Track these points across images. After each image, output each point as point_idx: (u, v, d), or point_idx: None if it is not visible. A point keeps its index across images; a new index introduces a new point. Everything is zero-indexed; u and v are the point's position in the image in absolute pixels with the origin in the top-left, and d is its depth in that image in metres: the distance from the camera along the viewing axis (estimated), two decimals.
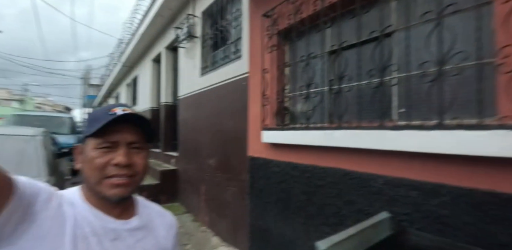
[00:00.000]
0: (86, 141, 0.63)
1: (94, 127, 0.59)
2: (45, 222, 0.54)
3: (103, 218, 0.62)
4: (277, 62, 2.19)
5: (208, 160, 3.38)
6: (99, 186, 0.60)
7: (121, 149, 0.61)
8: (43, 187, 0.57)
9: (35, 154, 2.25)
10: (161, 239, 0.72)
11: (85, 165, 0.62)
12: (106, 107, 0.65)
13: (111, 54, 12.25)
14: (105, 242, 0.60)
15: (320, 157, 1.73)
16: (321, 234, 1.71)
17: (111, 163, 0.60)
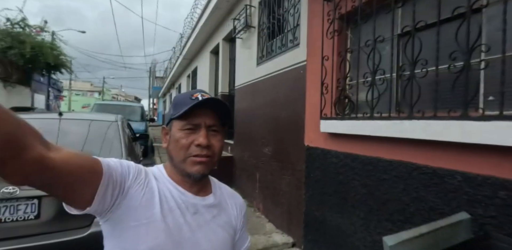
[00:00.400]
0: (171, 123, 0.69)
1: (179, 110, 0.66)
2: (136, 195, 0.62)
3: (185, 193, 0.69)
4: (338, 49, 2.07)
5: (263, 149, 3.44)
6: (183, 163, 0.67)
7: (202, 131, 0.66)
8: (132, 165, 0.65)
9: (115, 137, 2.58)
10: (232, 217, 0.77)
11: (171, 144, 0.68)
12: (188, 93, 0.70)
13: (173, 48, 13.17)
14: (187, 215, 0.67)
15: (385, 149, 1.62)
16: (382, 230, 1.63)
17: (194, 143, 0.66)
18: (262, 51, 3.76)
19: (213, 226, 0.70)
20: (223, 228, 0.72)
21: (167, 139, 0.71)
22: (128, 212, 0.60)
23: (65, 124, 2.57)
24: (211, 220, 0.71)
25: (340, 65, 2.02)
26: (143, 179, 0.64)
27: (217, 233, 0.71)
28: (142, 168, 0.67)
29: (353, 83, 1.97)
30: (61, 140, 2.39)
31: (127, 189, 0.61)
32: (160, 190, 0.66)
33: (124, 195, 0.60)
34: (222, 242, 0.71)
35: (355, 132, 1.78)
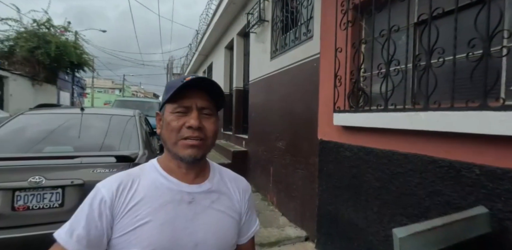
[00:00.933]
0: (164, 107, 0.68)
1: (171, 93, 0.65)
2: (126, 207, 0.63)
3: (179, 184, 0.68)
4: (352, 40, 2.02)
5: (277, 143, 3.44)
6: (175, 147, 0.66)
7: (193, 113, 0.65)
8: (103, 198, 0.62)
9: (133, 130, 2.67)
10: (235, 202, 0.75)
11: (164, 129, 0.68)
12: (181, 77, 0.70)
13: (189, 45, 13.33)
14: (182, 206, 0.66)
15: (400, 141, 1.57)
16: (396, 224, 1.60)
17: (185, 125, 0.65)
18: (275, 45, 3.73)
19: (212, 212, 0.69)
20: (224, 212, 0.71)
21: (161, 125, 0.70)
22: (120, 226, 0.62)
23: (86, 118, 2.69)
24: (210, 206, 0.69)
25: (354, 56, 1.97)
26: (124, 192, 0.64)
27: (217, 218, 0.70)
28: (119, 182, 0.65)
29: (367, 74, 1.92)
30: (82, 133, 2.50)
31: (113, 218, 0.62)
32: (148, 190, 0.65)
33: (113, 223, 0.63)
34: (223, 227, 0.70)
35: (369, 125, 1.74)
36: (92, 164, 2.01)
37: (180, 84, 0.64)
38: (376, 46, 1.81)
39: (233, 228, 0.73)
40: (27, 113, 2.76)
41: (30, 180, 1.82)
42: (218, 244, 0.68)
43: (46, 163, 1.95)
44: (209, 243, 0.67)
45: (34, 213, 1.83)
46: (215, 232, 0.68)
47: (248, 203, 0.79)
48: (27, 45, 14.03)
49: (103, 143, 2.43)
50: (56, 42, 14.77)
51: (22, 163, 1.92)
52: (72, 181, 1.89)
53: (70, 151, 2.24)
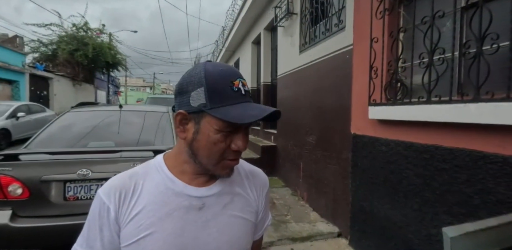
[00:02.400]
0: (202, 115, 0.55)
1: (221, 105, 0.53)
2: (130, 214, 0.57)
3: (186, 187, 0.60)
4: (389, 29, 1.91)
5: (307, 137, 3.40)
6: (215, 166, 0.58)
7: (241, 133, 0.56)
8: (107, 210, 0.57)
9: (167, 126, 2.78)
10: (252, 201, 0.67)
11: (201, 143, 0.56)
12: (223, 74, 0.55)
13: (216, 41, 13.49)
14: (191, 213, 0.58)
15: (445, 135, 1.47)
16: (440, 223, 1.51)
17: (232, 147, 0.56)
18: (304, 38, 3.65)
19: (224, 217, 0.61)
20: (238, 217, 0.63)
21: (187, 130, 0.57)
22: (124, 234, 0.57)
23: (124, 115, 2.84)
24: (222, 210, 0.61)
25: (392, 46, 1.87)
26: (127, 198, 0.58)
27: (231, 224, 0.62)
28: (120, 188, 0.58)
29: (407, 65, 1.81)
30: (121, 129, 2.65)
31: (120, 227, 0.57)
32: (152, 195, 0.58)
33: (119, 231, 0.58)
34: (238, 233, 0.63)
35: (409, 118, 1.65)
36: (131, 158, 2.12)
37: (237, 96, 0.54)
38: (417, 34, 1.70)
39: (249, 232, 0.66)
40: (72, 111, 2.97)
41: (78, 172, 1.97)
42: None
43: (91, 157, 2.09)
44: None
45: (82, 203, 1.98)
46: (229, 239, 0.61)
47: (266, 199, 0.72)
48: (68, 48, 15.09)
49: (140, 138, 2.56)
50: (93, 44, 15.73)
51: (71, 157, 2.08)
52: (115, 174, 2.00)
53: (112, 146, 2.38)
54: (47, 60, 15.36)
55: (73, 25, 16.03)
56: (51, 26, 15.31)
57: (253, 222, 0.67)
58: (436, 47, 1.53)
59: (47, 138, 2.44)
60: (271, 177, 4.72)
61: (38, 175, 1.93)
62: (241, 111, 0.53)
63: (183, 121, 0.58)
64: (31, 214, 1.90)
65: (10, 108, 7.76)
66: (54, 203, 1.93)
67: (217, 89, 0.54)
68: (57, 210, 1.94)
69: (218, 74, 0.55)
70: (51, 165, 2.02)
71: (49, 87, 14.59)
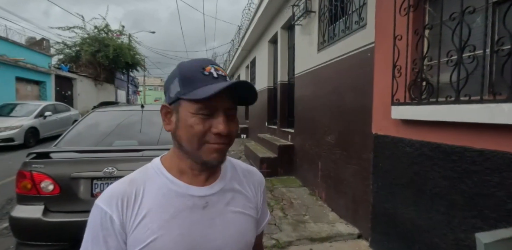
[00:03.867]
0: (179, 103, 0.57)
1: (191, 88, 0.55)
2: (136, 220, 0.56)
3: (189, 188, 0.60)
4: (414, 26, 1.86)
5: (326, 137, 3.36)
6: (198, 151, 0.57)
7: (220, 116, 0.56)
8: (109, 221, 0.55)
9: None
10: (251, 197, 0.69)
11: (181, 130, 0.57)
12: (196, 63, 0.58)
13: (232, 41, 13.57)
14: (195, 213, 0.59)
15: (475, 136, 1.41)
16: (469, 227, 1.46)
17: (212, 131, 0.55)
18: (323, 36, 3.60)
19: (229, 214, 0.63)
20: (241, 213, 0.65)
21: (171, 121, 0.59)
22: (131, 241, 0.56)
23: (145, 114, 2.93)
24: (225, 208, 0.63)
25: (417, 44, 1.81)
26: (130, 205, 0.57)
27: (235, 220, 0.63)
28: (122, 195, 0.57)
29: (433, 63, 1.75)
30: (143, 128, 2.73)
31: (126, 234, 0.56)
32: (155, 199, 0.58)
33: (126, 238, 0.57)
34: (242, 228, 0.64)
35: (436, 118, 1.60)
36: (153, 157, 2.18)
37: (207, 80, 0.55)
38: (444, 31, 1.63)
39: (252, 227, 0.67)
40: (97, 111, 3.09)
41: (105, 170, 2.04)
42: (239, 246, 0.63)
43: (116, 156, 2.17)
44: (230, 247, 0.61)
45: None
46: (235, 235, 0.62)
47: (263, 196, 0.73)
48: (90, 49, 15.68)
49: (160, 137, 2.62)
50: (113, 45, 16.26)
51: (97, 155, 2.17)
52: None
53: (135, 144, 2.46)
54: (71, 61, 16.05)
55: (95, 27, 16.64)
56: (74, 28, 15.96)
57: (255, 217, 0.69)
58: (465, 44, 1.47)
59: (75, 137, 2.56)
60: (288, 177, 4.71)
61: (68, 172, 2.02)
62: (207, 90, 0.53)
63: (167, 114, 0.60)
64: (61, 209, 2.00)
65: (38, 108, 8.18)
66: (82, 199, 2.02)
67: (188, 76, 0.56)
68: (85, 206, 2.02)
69: (190, 63, 0.59)
70: (80, 163, 2.12)
71: (73, 87, 15.24)
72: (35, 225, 1.91)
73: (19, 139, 7.15)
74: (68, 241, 2.01)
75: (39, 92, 12.84)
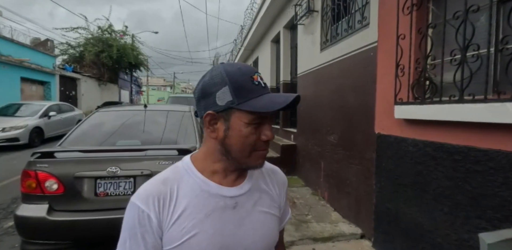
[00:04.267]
0: (231, 112, 0.57)
1: (248, 99, 0.56)
2: (172, 218, 0.59)
3: (220, 189, 0.62)
4: (417, 25, 1.84)
5: (328, 137, 3.35)
6: (247, 159, 0.60)
7: (267, 124, 0.60)
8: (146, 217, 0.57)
9: (190, 125, 2.84)
10: (276, 196, 0.71)
11: (233, 139, 0.58)
12: (245, 73, 0.58)
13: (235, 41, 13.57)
14: (226, 212, 0.62)
15: (479, 136, 1.40)
16: (473, 228, 1.45)
17: (262, 139, 0.59)
18: (326, 36, 3.59)
19: (256, 214, 0.65)
20: (267, 213, 0.68)
21: (217, 129, 0.60)
22: (167, 238, 0.59)
23: (149, 114, 2.94)
24: (253, 207, 0.66)
25: (420, 43, 1.80)
26: (166, 203, 0.59)
27: (262, 220, 0.66)
28: (158, 194, 0.59)
29: (436, 62, 1.74)
30: (146, 128, 2.74)
31: (162, 231, 0.59)
32: (189, 198, 0.60)
33: (162, 235, 0.59)
34: (268, 228, 0.67)
35: (439, 117, 1.59)
36: (157, 156, 2.19)
37: (259, 90, 0.58)
38: (448, 30, 1.62)
39: (277, 226, 0.71)
40: (101, 111, 3.11)
41: (108, 169, 2.06)
42: (264, 245, 0.66)
43: (119, 155, 2.19)
44: (257, 246, 0.64)
45: (112, 199, 2.08)
46: (262, 234, 0.65)
47: (285, 195, 0.76)
48: (94, 49, 15.77)
49: (163, 137, 2.63)
50: (116, 45, 16.33)
51: (101, 155, 2.19)
52: (141, 172, 2.10)
53: (138, 144, 2.48)
54: (75, 61, 16.16)
55: (98, 27, 16.73)
56: (78, 29, 16.06)
57: (278, 217, 0.71)
58: (469, 43, 1.46)
59: (79, 136, 2.58)
60: (290, 176, 4.70)
61: (72, 171, 2.04)
62: (267, 101, 0.56)
63: (212, 121, 0.60)
64: (65, 208, 2.02)
65: (43, 108, 8.25)
66: (86, 199, 2.04)
67: (240, 85, 0.57)
68: (89, 205, 2.04)
69: (238, 72, 0.59)
70: (83, 162, 2.13)
71: (77, 87, 15.35)
72: (40, 224, 1.93)
73: (24, 138, 7.23)
74: (73, 240, 2.03)
75: (43, 92, 12.95)
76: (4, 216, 3.14)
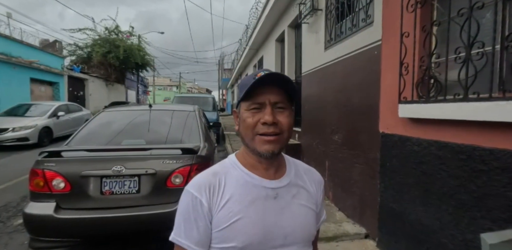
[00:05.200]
0: (240, 105, 0.71)
1: (244, 92, 0.67)
2: (220, 204, 0.67)
3: (262, 180, 0.70)
4: (421, 22, 1.82)
5: (332, 136, 3.33)
6: (252, 142, 0.68)
7: (266, 108, 0.66)
8: (198, 201, 0.66)
9: (194, 124, 2.86)
10: (313, 193, 0.77)
11: (240, 125, 0.70)
12: (253, 73, 0.70)
13: (240, 40, 13.58)
14: (269, 201, 0.69)
15: (484, 135, 1.38)
16: (478, 228, 1.42)
17: (260, 121, 0.66)
18: (330, 34, 3.57)
19: (294, 206, 0.71)
20: (305, 206, 0.73)
21: (238, 122, 0.72)
22: (216, 221, 0.67)
23: (154, 114, 2.97)
24: (292, 200, 0.72)
25: (425, 41, 1.78)
26: (215, 192, 0.67)
27: (300, 211, 0.72)
28: (208, 184, 0.68)
29: (441, 60, 1.72)
30: (151, 127, 2.77)
31: (212, 215, 0.67)
32: (235, 188, 0.68)
33: (212, 219, 0.67)
34: (306, 219, 0.73)
35: (444, 116, 1.57)
36: (161, 156, 2.21)
37: (252, 81, 0.65)
38: (452, 27, 1.60)
39: (314, 220, 0.76)
40: (106, 110, 3.15)
41: (113, 168, 2.09)
42: (303, 235, 0.72)
43: (125, 155, 2.22)
44: (296, 235, 0.70)
45: (117, 197, 2.11)
46: (300, 224, 0.71)
47: (322, 194, 0.81)
48: (101, 50, 15.96)
49: (168, 137, 2.66)
50: (123, 46, 16.49)
51: (107, 154, 2.22)
52: (146, 171, 2.12)
53: (143, 144, 2.50)
54: (82, 62, 16.37)
55: (105, 28, 16.93)
56: (85, 30, 16.27)
57: (316, 212, 0.77)
58: (474, 41, 1.43)
59: (85, 136, 2.62)
60: None
61: (78, 170, 2.08)
62: (249, 87, 0.65)
63: (236, 117, 0.74)
64: (72, 207, 2.06)
65: (52, 108, 8.40)
66: (92, 197, 2.07)
67: (244, 84, 0.68)
68: (95, 203, 2.08)
69: (248, 76, 0.71)
70: (89, 161, 2.17)
71: (85, 88, 15.57)
72: (47, 222, 1.97)
73: (34, 138, 7.37)
74: (79, 238, 2.07)
75: (52, 92, 13.18)
76: (14, 214, 3.22)
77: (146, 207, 2.08)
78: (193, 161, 2.19)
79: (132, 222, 2.03)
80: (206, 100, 9.52)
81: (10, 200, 3.68)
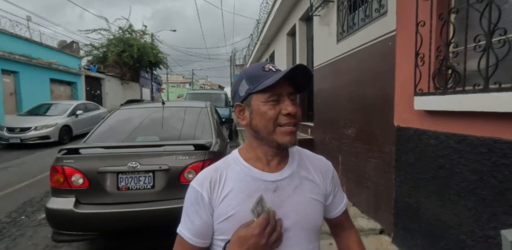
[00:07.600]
0: (250, 98, 0.68)
1: (258, 83, 0.66)
2: (220, 197, 0.69)
3: (262, 174, 0.70)
4: (438, 10, 1.74)
5: (346, 130, 3.28)
6: (273, 135, 0.67)
7: (286, 100, 0.66)
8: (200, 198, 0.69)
9: (207, 120, 2.88)
10: (319, 183, 0.76)
11: (256, 118, 0.67)
12: (257, 65, 0.69)
13: (251, 35, 13.50)
14: (267, 195, 0.68)
15: (506, 127, 1.31)
16: (499, 224, 1.37)
17: (282, 113, 0.65)
18: (342, 26, 3.48)
19: (296, 197, 0.71)
20: (308, 197, 0.73)
21: (245, 116, 0.70)
22: (216, 214, 0.70)
23: (167, 111, 3.01)
24: (294, 191, 0.71)
25: (442, 29, 1.69)
26: (216, 186, 0.70)
27: (302, 203, 0.71)
28: (209, 179, 0.70)
29: (459, 49, 1.64)
30: (164, 124, 2.81)
31: (213, 209, 0.69)
32: (235, 182, 0.70)
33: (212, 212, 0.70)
34: (309, 211, 0.72)
35: (462, 108, 1.50)
36: (174, 152, 2.25)
37: (269, 74, 0.66)
38: (471, 14, 1.51)
39: (318, 211, 0.74)
40: (122, 108, 3.23)
41: (129, 165, 2.14)
42: (306, 227, 0.71)
43: (139, 151, 2.27)
44: (298, 227, 0.70)
45: (132, 192, 2.16)
46: (302, 216, 0.71)
47: (333, 180, 0.80)
48: (116, 49, 16.29)
49: (181, 133, 2.69)
50: (137, 45, 16.77)
51: (122, 151, 2.28)
52: (160, 166, 2.16)
53: (157, 140, 2.55)
54: (98, 62, 16.80)
55: (119, 28, 17.25)
56: (100, 31, 16.63)
57: (321, 202, 0.76)
58: (495, 28, 1.35)
59: (102, 133, 2.70)
60: None
61: (96, 167, 2.14)
62: (274, 78, 0.64)
63: (240, 111, 0.71)
64: (90, 202, 2.13)
65: (71, 107, 8.70)
66: (109, 192, 2.14)
67: (253, 75, 0.68)
68: (112, 198, 2.14)
69: (251, 66, 0.71)
70: (106, 158, 2.23)
71: (101, 87, 16.00)
72: (68, 216, 2.05)
73: (54, 136, 7.68)
74: (98, 231, 2.15)
75: (71, 92, 13.63)
76: (38, 209, 3.38)
77: (160, 202, 2.13)
78: (206, 157, 2.22)
79: (147, 216, 2.09)
80: (218, 96, 9.59)
81: (34, 195, 3.87)
